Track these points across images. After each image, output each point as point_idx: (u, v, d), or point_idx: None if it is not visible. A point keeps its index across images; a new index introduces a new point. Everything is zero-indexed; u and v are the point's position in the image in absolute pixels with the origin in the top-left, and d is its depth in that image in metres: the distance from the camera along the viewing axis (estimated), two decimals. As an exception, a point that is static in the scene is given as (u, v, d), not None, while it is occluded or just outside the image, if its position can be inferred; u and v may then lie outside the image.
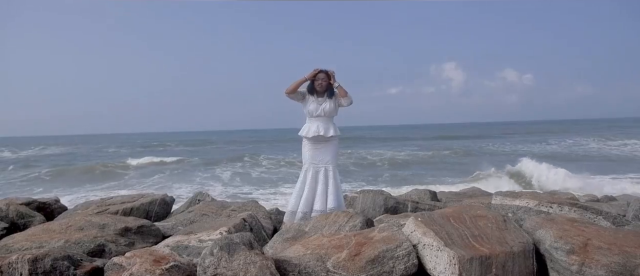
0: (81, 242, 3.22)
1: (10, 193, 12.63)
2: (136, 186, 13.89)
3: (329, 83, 4.09)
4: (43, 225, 3.76)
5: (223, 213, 4.42)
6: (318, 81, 4.07)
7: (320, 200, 4.03)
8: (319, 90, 4.10)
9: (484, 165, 15.24)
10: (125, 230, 3.52)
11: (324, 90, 4.10)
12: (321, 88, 4.08)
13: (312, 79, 4.09)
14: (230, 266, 2.25)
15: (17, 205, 4.56)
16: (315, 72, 4.05)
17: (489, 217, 2.91)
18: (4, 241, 3.32)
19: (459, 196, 5.91)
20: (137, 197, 5.15)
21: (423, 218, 2.85)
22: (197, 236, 3.20)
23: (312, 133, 4.06)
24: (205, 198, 5.54)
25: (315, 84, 4.09)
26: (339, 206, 4.04)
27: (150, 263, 2.31)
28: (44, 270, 2.34)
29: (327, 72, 4.08)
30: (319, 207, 4.00)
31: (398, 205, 4.61)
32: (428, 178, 13.83)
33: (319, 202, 4.03)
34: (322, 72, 4.08)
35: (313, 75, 4.05)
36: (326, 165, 4.12)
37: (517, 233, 2.72)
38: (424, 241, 2.59)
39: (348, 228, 3.24)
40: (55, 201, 5.36)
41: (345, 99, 4.08)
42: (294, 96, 4.13)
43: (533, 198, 3.83)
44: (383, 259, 2.44)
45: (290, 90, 4.05)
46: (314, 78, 4.08)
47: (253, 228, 3.53)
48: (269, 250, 3.02)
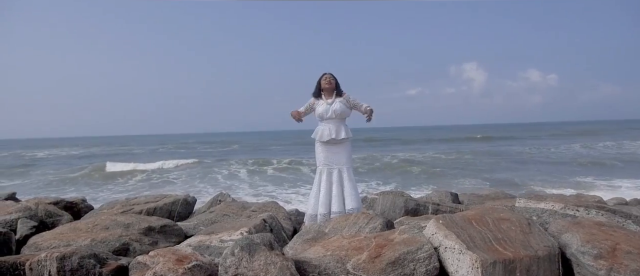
0: (107, 241, 3.30)
1: (42, 193, 13.06)
2: (158, 186, 14.15)
3: (336, 84, 4.14)
4: (70, 224, 3.87)
5: (243, 214, 4.46)
6: (325, 81, 4.10)
7: (337, 202, 4.01)
8: (327, 90, 4.11)
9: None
10: (149, 230, 3.59)
11: (332, 90, 4.12)
12: (330, 85, 4.11)
13: (319, 81, 4.16)
14: (250, 266, 2.27)
15: (45, 204, 4.70)
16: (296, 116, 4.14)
17: (513, 220, 2.85)
18: (33, 240, 3.43)
19: (482, 198, 5.81)
20: (160, 197, 5.25)
21: (444, 221, 2.82)
22: (218, 236, 3.23)
23: (325, 137, 4.06)
24: (226, 199, 5.61)
25: (323, 84, 4.11)
26: (358, 207, 4.02)
27: (173, 262, 2.35)
28: (71, 268, 2.41)
29: (332, 74, 4.16)
30: (337, 209, 3.98)
31: (418, 207, 4.56)
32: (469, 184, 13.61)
33: (336, 203, 4.01)
34: (327, 74, 4.14)
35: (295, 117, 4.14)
36: (340, 166, 4.10)
37: (542, 236, 2.66)
38: (445, 244, 2.56)
39: (368, 229, 3.23)
40: (82, 200, 5.51)
41: (364, 109, 4.15)
42: (306, 114, 4.24)
43: (558, 201, 3.73)
44: (404, 261, 2.42)
45: (298, 118, 4.15)
46: (322, 76, 4.15)
47: (273, 229, 3.55)
48: (289, 250, 3.03)
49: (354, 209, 3.94)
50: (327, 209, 4.02)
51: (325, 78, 4.12)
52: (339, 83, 4.19)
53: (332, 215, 3.97)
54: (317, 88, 4.18)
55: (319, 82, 4.16)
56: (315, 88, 4.19)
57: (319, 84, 4.17)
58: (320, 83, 4.15)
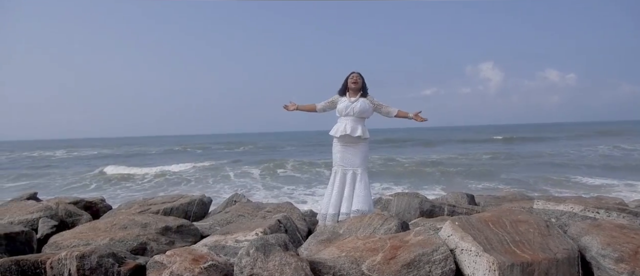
0: (125, 240, 3.35)
1: (61, 193, 13.35)
2: (175, 185, 14.33)
3: (363, 84, 4.14)
4: (89, 224, 3.94)
5: (258, 214, 4.49)
6: (351, 80, 4.10)
7: (346, 203, 3.99)
8: (353, 89, 4.11)
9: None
10: (166, 229, 3.64)
11: (358, 90, 4.12)
12: (356, 85, 4.11)
13: (346, 80, 4.16)
14: (265, 266, 2.28)
15: (65, 204, 4.81)
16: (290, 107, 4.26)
17: (531, 222, 2.81)
18: (53, 239, 3.51)
19: (498, 200, 5.73)
20: (177, 198, 5.32)
21: (460, 222, 2.79)
22: (233, 236, 3.26)
23: (340, 132, 4.04)
24: (241, 199, 5.65)
25: (349, 82, 4.11)
26: (366, 209, 3.95)
27: (190, 261, 2.37)
28: (91, 267, 2.46)
29: (360, 74, 4.15)
30: (345, 210, 3.97)
31: (434, 208, 4.52)
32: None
33: (345, 204, 4.00)
34: (355, 73, 4.14)
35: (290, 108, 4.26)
36: (355, 168, 4.08)
37: (561, 239, 2.61)
38: (461, 246, 2.53)
39: (383, 231, 3.21)
40: (101, 200, 5.61)
41: (388, 111, 4.17)
42: (324, 110, 4.26)
43: (578, 203, 3.66)
44: (419, 263, 2.40)
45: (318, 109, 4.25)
46: (349, 75, 4.15)
47: (288, 229, 3.56)
48: (303, 251, 3.04)
49: (360, 211, 3.89)
50: (336, 209, 4.01)
51: (352, 77, 4.12)
52: (366, 84, 4.19)
53: (340, 216, 3.97)
54: (344, 86, 4.19)
55: (346, 80, 4.16)
56: (342, 86, 4.20)
57: (345, 82, 4.17)
58: (347, 82, 4.15)
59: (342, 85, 4.20)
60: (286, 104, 4.21)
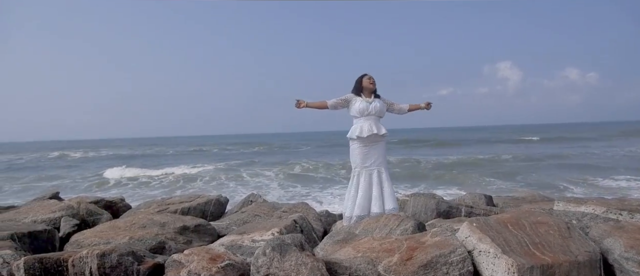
0: (144, 239, 3.41)
1: (86, 192, 13.65)
2: (191, 186, 14.50)
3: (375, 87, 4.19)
4: (110, 223, 4.02)
5: (274, 215, 4.51)
6: (368, 81, 4.10)
7: (377, 203, 3.98)
8: (368, 90, 4.11)
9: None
10: (184, 229, 3.68)
11: (372, 91, 4.14)
12: (373, 86, 4.14)
13: (361, 80, 4.16)
14: (282, 266, 2.29)
15: (87, 203, 4.91)
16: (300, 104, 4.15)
17: (551, 224, 2.75)
18: (75, 237, 3.59)
19: (517, 201, 5.64)
20: (194, 197, 5.38)
21: (478, 224, 2.75)
22: (250, 236, 3.28)
23: (366, 132, 3.99)
24: (257, 200, 5.69)
25: (364, 84, 4.11)
26: (397, 207, 4.02)
27: (207, 261, 2.40)
28: (111, 265, 2.50)
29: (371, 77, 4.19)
30: (377, 210, 3.95)
31: (451, 209, 4.48)
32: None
33: (376, 205, 3.98)
34: (371, 75, 4.19)
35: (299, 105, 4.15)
36: (378, 167, 4.07)
37: (583, 241, 2.56)
38: (479, 248, 2.50)
39: (399, 231, 3.19)
40: (121, 200, 5.72)
41: (399, 108, 4.23)
42: (335, 107, 4.17)
43: (600, 205, 3.57)
44: (436, 264, 2.38)
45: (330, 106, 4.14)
46: (364, 76, 4.16)
47: (304, 229, 3.57)
48: (319, 251, 3.04)
49: (393, 209, 3.92)
50: (365, 211, 3.98)
51: (369, 78, 4.14)
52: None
53: (371, 216, 3.94)
54: (357, 87, 4.17)
55: (361, 80, 4.16)
56: (356, 86, 4.18)
57: (359, 83, 4.16)
58: (362, 82, 4.15)
59: (355, 85, 4.19)
60: (298, 100, 4.13)
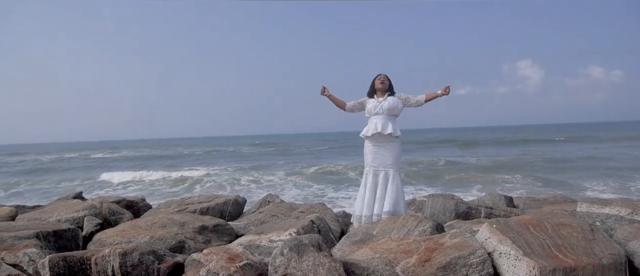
0: (164, 238, 3.47)
1: (108, 192, 13.95)
2: (209, 186, 14.66)
3: (389, 85, 4.17)
4: (131, 222, 4.10)
5: (292, 215, 4.52)
6: (379, 81, 4.09)
7: (378, 204, 3.98)
8: (380, 89, 4.10)
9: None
10: (203, 228, 3.73)
11: (385, 90, 4.13)
12: (384, 86, 4.12)
13: (373, 82, 4.17)
14: (299, 266, 2.30)
15: (109, 203, 5.02)
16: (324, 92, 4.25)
17: (574, 226, 2.69)
18: (97, 236, 3.67)
19: (539, 202, 5.52)
20: (213, 197, 5.44)
21: (498, 225, 2.71)
22: (267, 236, 3.30)
23: (370, 132, 4.03)
24: (275, 200, 5.71)
25: (376, 84, 4.11)
26: (397, 211, 3.91)
27: (226, 260, 2.42)
28: (132, 263, 2.55)
29: (386, 76, 4.17)
30: (376, 211, 3.96)
31: (470, 211, 4.41)
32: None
33: (377, 205, 3.98)
34: (381, 75, 4.18)
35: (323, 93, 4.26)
36: (386, 169, 4.04)
37: (607, 243, 2.49)
38: (500, 250, 2.46)
39: (417, 232, 3.17)
40: (141, 199, 5.82)
41: (416, 100, 4.13)
42: (352, 109, 4.27)
43: (625, 206, 3.47)
44: (455, 266, 2.35)
45: (347, 108, 4.27)
46: (376, 77, 4.16)
47: (321, 230, 3.57)
48: (336, 252, 3.04)
49: (389, 212, 3.86)
50: (370, 211, 4.00)
51: (379, 79, 4.15)
52: (392, 85, 4.21)
53: (374, 217, 3.94)
54: (371, 89, 4.21)
55: (373, 82, 4.19)
56: (370, 88, 4.22)
57: (372, 84, 4.20)
58: (374, 83, 4.17)
59: (370, 87, 4.24)
60: (324, 87, 4.24)
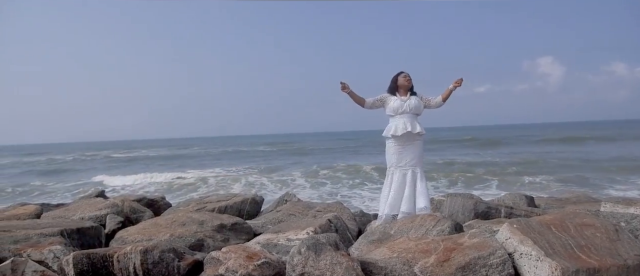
0: (184, 236, 3.52)
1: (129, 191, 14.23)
2: (227, 185, 14.80)
3: (411, 84, 4.12)
4: (152, 220, 4.18)
5: (309, 214, 4.54)
6: (404, 79, 4.05)
7: (407, 202, 3.92)
8: (403, 88, 4.06)
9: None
10: (221, 227, 3.77)
11: (408, 88, 4.08)
12: (408, 83, 4.08)
13: (396, 78, 4.10)
14: (317, 265, 2.31)
15: (130, 201, 5.12)
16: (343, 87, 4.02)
17: (598, 226, 2.63)
18: (119, 234, 3.75)
19: (561, 202, 5.41)
20: (231, 196, 5.50)
21: (519, 225, 2.66)
22: (285, 235, 3.32)
23: (400, 131, 3.93)
24: (292, 199, 5.74)
25: (400, 82, 4.06)
26: (428, 207, 3.92)
27: (244, 258, 2.45)
28: (153, 261, 2.60)
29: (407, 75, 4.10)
30: (405, 209, 3.90)
31: (490, 210, 4.35)
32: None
33: (405, 203, 3.92)
34: (406, 73, 4.12)
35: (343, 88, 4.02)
36: (413, 167, 4.01)
37: (632, 244, 2.43)
38: (521, 250, 2.42)
39: (435, 232, 3.14)
40: (162, 198, 5.93)
41: (436, 102, 4.09)
42: (371, 106, 4.13)
43: (652, 206, 3.38)
44: (475, 266, 2.32)
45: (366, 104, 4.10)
46: (399, 75, 4.10)
47: (338, 229, 3.57)
48: (354, 251, 3.04)
49: (424, 208, 3.84)
50: (395, 210, 3.96)
51: (404, 76, 4.08)
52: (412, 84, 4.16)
53: (400, 215, 3.90)
54: (393, 85, 4.12)
55: (396, 78, 4.11)
56: (391, 85, 4.13)
57: (395, 81, 4.11)
58: (397, 80, 4.09)
59: (391, 84, 4.15)
60: (343, 82, 4.02)
